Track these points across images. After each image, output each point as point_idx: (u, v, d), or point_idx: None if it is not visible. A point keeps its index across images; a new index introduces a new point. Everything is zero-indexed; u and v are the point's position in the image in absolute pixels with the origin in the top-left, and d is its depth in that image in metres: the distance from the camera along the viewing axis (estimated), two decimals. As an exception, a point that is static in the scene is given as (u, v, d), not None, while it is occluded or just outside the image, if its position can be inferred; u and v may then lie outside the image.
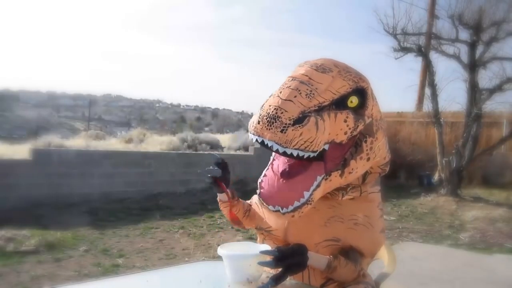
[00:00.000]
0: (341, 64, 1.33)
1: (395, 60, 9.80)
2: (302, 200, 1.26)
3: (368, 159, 1.37)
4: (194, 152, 9.69)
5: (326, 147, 1.26)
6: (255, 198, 1.69)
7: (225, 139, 12.04)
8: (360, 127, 1.32)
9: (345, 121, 1.28)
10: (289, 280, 1.46)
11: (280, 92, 1.22)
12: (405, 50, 9.68)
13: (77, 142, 9.41)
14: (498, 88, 9.03)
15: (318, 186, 1.29)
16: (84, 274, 3.85)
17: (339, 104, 1.27)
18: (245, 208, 1.68)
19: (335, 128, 1.26)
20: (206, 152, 9.74)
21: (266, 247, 1.38)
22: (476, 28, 9.10)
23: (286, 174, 1.33)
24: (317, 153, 1.24)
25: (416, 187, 10.19)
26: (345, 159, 1.33)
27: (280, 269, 1.25)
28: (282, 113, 1.17)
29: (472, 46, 9.31)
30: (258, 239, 1.68)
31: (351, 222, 1.44)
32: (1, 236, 4.51)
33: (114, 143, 10.51)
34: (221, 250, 1.38)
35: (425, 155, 11.09)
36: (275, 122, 1.16)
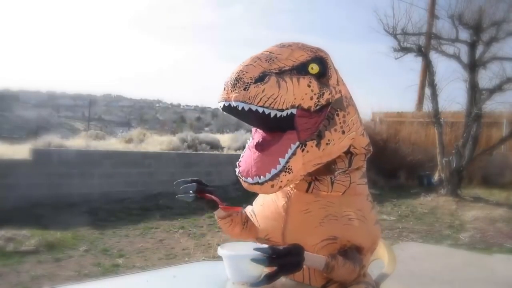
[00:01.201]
0: (301, 43, 1.39)
1: (395, 60, 9.82)
2: (279, 167, 1.28)
3: (343, 131, 1.39)
4: (194, 152, 9.69)
5: (294, 111, 1.29)
6: (249, 209, 1.68)
7: (225, 139, 12.04)
8: (326, 95, 1.36)
9: (309, 86, 1.31)
10: (290, 281, 1.46)
11: (242, 63, 1.27)
12: (405, 50, 9.69)
13: (77, 142, 9.40)
14: (498, 88, 9.04)
15: (293, 154, 1.31)
16: (84, 274, 3.85)
17: (300, 70, 1.32)
18: (243, 218, 1.67)
19: (300, 92, 1.29)
20: (206, 152, 9.75)
21: (265, 247, 1.37)
22: (476, 28, 9.10)
23: (260, 146, 1.36)
24: (284, 113, 1.26)
25: (416, 187, 10.20)
26: (319, 130, 1.35)
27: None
28: (243, 74, 1.22)
29: (472, 46, 9.32)
30: None
31: (345, 218, 1.44)
32: (1, 236, 4.51)
33: (114, 143, 10.50)
34: (221, 250, 1.38)
35: (425, 155, 11.09)
36: (238, 83, 1.22)
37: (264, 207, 1.59)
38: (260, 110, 1.22)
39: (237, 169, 1.37)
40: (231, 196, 7.53)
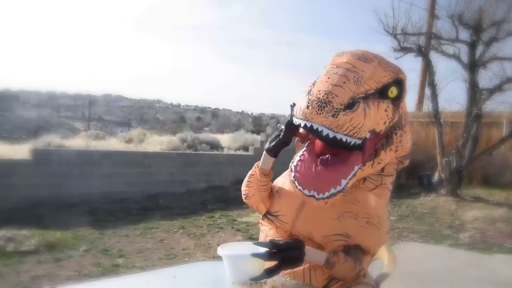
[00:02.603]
0: (380, 56, 1.35)
1: (395, 60, 9.81)
2: (339, 188, 1.27)
3: (396, 150, 1.40)
4: (194, 152, 9.70)
5: (368, 135, 1.28)
6: (279, 181, 1.63)
7: (225, 139, 12.05)
8: (396, 118, 1.35)
9: (386, 110, 1.30)
10: (290, 281, 1.46)
11: (328, 78, 1.21)
12: (405, 50, 9.68)
13: (77, 142, 9.42)
14: (498, 88, 9.03)
15: (354, 175, 1.30)
16: (84, 274, 3.85)
17: (381, 93, 1.29)
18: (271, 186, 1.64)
19: (377, 117, 1.27)
20: (206, 152, 9.75)
21: (262, 248, 1.34)
22: (476, 28, 9.10)
23: (325, 161, 1.32)
24: (361, 140, 1.25)
25: (416, 187, 10.19)
26: (376, 149, 1.35)
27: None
28: (333, 97, 1.16)
29: (472, 46, 9.31)
30: (262, 227, 1.66)
31: (364, 220, 1.44)
32: (1, 236, 4.51)
33: (114, 143, 10.52)
34: (221, 250, 1.38)
35: (425, 155, 11.08)
36: (326, 106, 1.16)
37: (286, 184, 1.55)
38: (344, 138, 1.20)
39: (292, 173, 1.34)
40: (231, 196, 7.53)
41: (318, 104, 1.16)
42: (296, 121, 1.26)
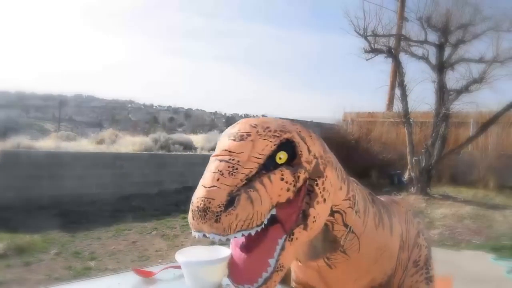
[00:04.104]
0: (259, 122, 1.23)
1: (366, 61, 9.97)
2: (270, 269, 1.18)
3: (325, 200, 1.28)
4: (167, 152, 9.63)
5: (274, 211, 1.18)
6: None
7: (198, 140, 12.00)
8: (302, 176, 1.22)
9: (282, 179, 1.17)
10: None
11: (203, 179, 1.15)
12: (375, 51, 9.85)
13: (47, 144, 9.22)
14: (465, 89, 9.28)
15: (282, 249, 1.20)
16: (55, 278, 3.79)
17: (269, 165, 1.17)
18: None
19: (275, 191, 1.16)
20: (179, 153, 9.70)
21: (227, 250, 1.30)
22: (444, 30, 9.33)
23: (245, 248, 1.24)
24: (266, 221, 1.16)
25: (387, 186, 10.37)
26: (303, 210, 1.23)
27: None
28: (209, 202, 1.08)
29: (440, 48, 9.54)
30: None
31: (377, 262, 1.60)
32: (-32, 240, 4.40)
33: (85, 144, 10.35)
34: (179, 257, 1.31)
35: (395, 154, 11.31)
36: (207, 214, 1.08)
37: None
38: (239, 235, 1.12)
39: (227, 271, 1.26)
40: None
41: (199, 214, 1.09)
42: (192, 232, 1.18)
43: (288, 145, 1.20)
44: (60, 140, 10.46)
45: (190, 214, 1.13)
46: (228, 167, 1.13)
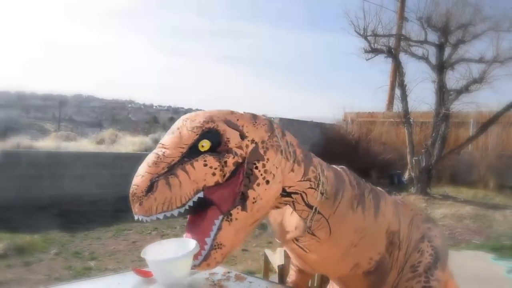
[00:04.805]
0: (191, 116, 1.36)
1: (366, 61, 9.97)
2: (207, 247, 1.31)
3: (268, 181, 1.35)
4: (167, 153, 9.62)
5: (201, 194, 1.29)
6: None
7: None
8: (231, 160, 1.30)
9: (205, 165, 1.28)
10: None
11: (137, 170, 1.32)
12: (375, 51, 9.85)
13: (47, 144, 9.21)
14: (465, 89, 9.29)
15: (219, 229, 1.31)
16: (55, 278, 3.79)
17: (192, 154, 1.29)
18: None
19: (199, 175, 1.27)
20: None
21: (192, 242, 1.35)
22: (444, 31, 9.34)
23: (188, 229, 1.38)
24: (190, 203, 1.27)
25: (387, 186, 10.37)
26: (242, 193, 1.32)
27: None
28: (136, 188, 1.26)
29: (440, 48, 9.55)
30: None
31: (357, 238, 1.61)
32: (-32, 240, 4.40)
33: (85, 144, 10.34)
34: (145, 255, 1.38)
35: (395, 154, 11.31)
36: (135, 198, 1.26)
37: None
38: (161, 216, 1.25)
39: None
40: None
41: (132, 199, 1.27)
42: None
43: (213, 134, 1.31)
44: (60, 140, 10.45)
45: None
46: (155, 158, 1.29)
